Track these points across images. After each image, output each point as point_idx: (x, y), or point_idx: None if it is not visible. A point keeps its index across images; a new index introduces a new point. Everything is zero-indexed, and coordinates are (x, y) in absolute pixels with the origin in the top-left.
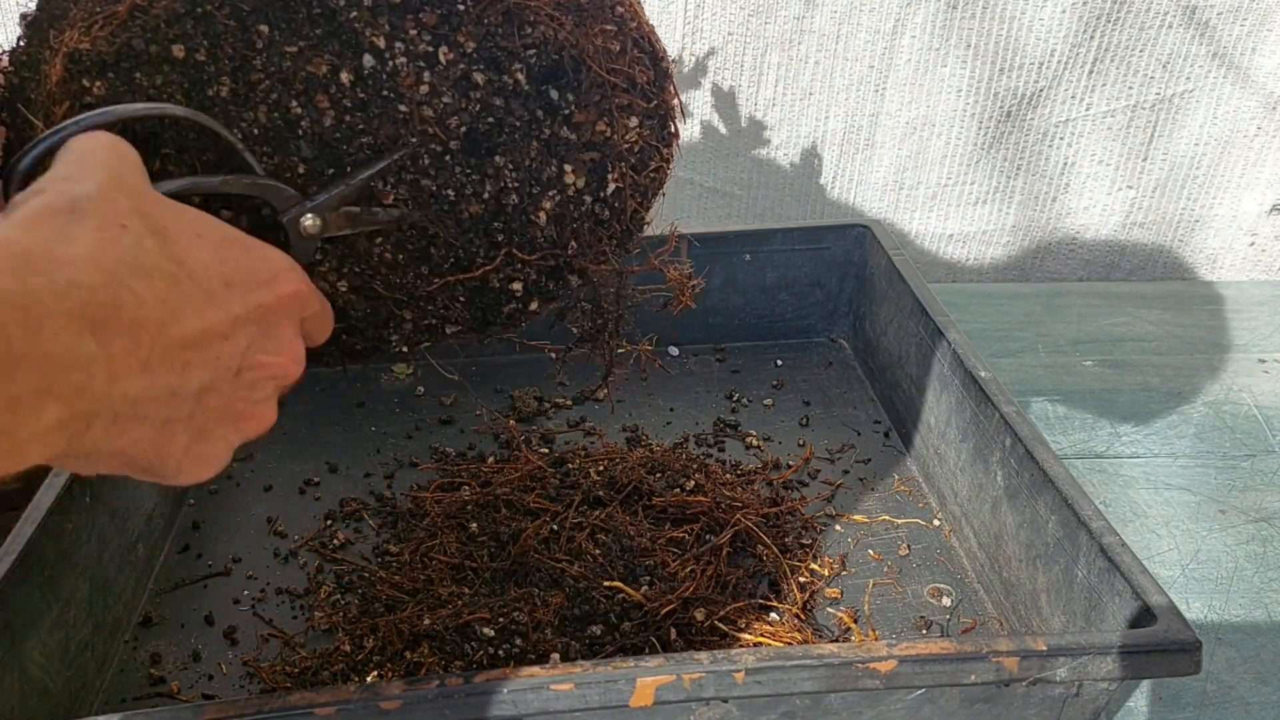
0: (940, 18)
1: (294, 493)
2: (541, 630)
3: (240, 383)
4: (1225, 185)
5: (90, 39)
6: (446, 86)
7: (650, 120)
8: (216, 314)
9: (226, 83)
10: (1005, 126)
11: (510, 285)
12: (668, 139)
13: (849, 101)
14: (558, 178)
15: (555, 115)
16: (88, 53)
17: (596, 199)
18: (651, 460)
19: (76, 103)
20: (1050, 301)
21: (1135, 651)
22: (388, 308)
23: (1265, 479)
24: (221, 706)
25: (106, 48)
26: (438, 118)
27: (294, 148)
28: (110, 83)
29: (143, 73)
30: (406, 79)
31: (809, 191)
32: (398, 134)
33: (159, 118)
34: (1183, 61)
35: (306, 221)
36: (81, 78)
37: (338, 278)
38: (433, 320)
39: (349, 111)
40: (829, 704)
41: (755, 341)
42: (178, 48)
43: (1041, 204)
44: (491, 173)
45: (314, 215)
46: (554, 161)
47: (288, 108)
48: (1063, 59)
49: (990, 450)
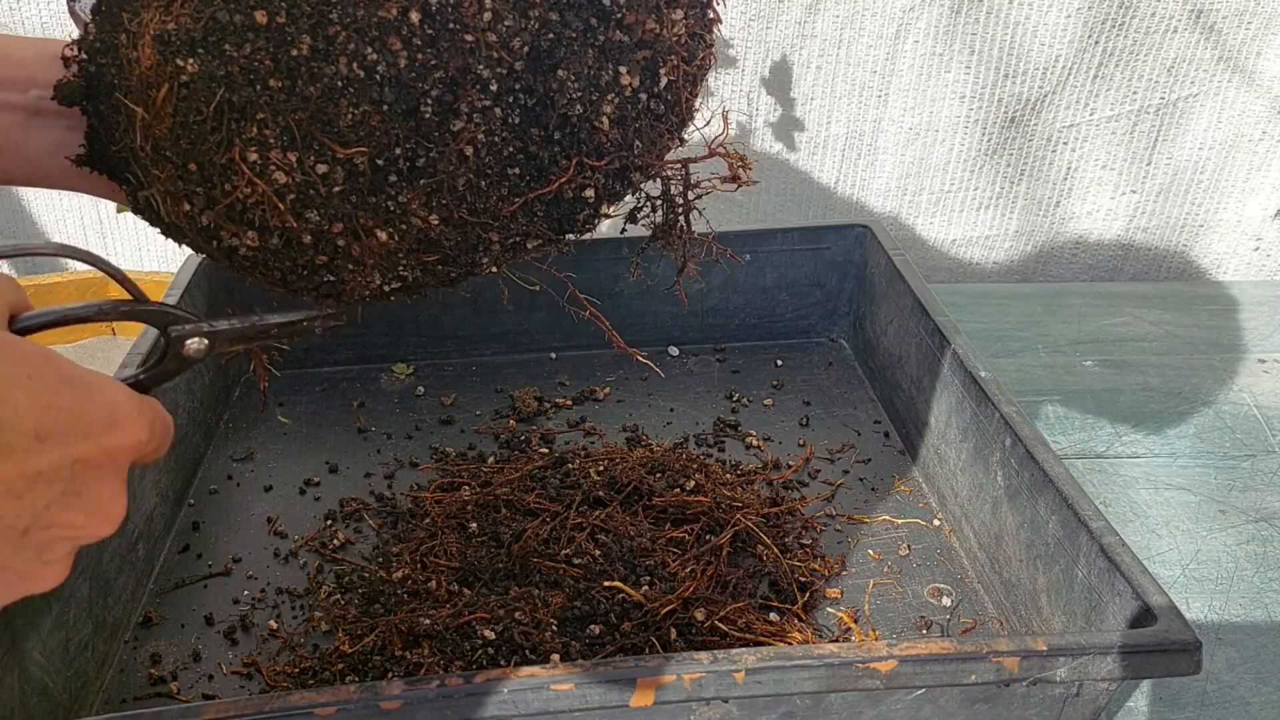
0: (944, 23)
1: (294, 493)
2: (541, 630)
3: (26, 543)
4: (1230, 190)
5: (173, 17)
6: (507, 9)
7: (694, 9)
8: (11, 469)
9: (306, 41)
10: (1009, 132)
11: (583, 193)
12: (709, 25)
13: (851, 107)
14: (615, 81)
15: (608, 20)
16: (175, 32)
17: (651, 95)
18: (651, 460)
19: (174, 83)
20: (1050, 302)
21: (1135, 651)
22: (475, 233)
23: (1265, 479)
24: (221, 706)
25: (193, 24)
26: (502, 41)
27: (376, 95)
28: (202, 59)
29: (231, 44)
30: (469, 8)
31: (811, 197)
32: (466, 64)
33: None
34: (1187, 66)
35: (192, 345)
36: (175, 58)
37: (428, 213)
38: (517, 238)
39: (420, 50)
40: (829, 704)
41: (755, 341)
42: (260, 13)
43: (1045, 209)
44: (556, 87)
45: (203, 340)
46: (610, 65)
47: (365, 56)
48: (1067, 64)
49: (990, 450)
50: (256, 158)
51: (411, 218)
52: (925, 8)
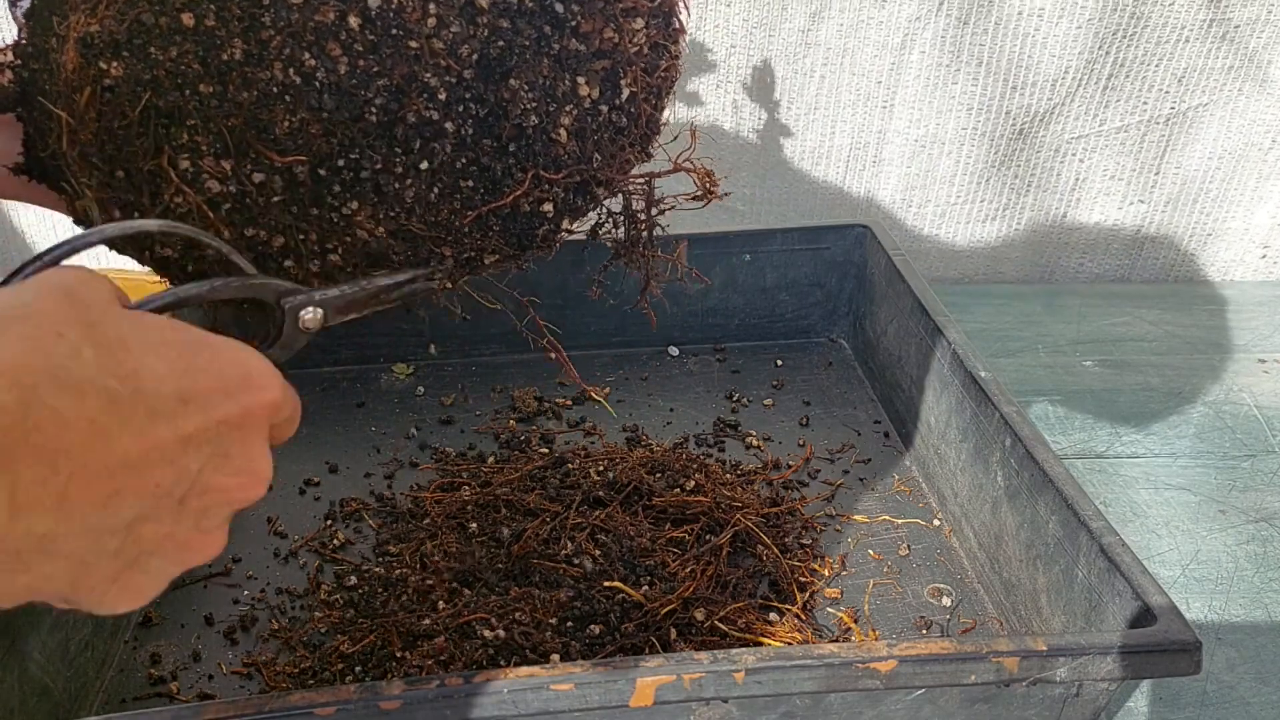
0: (951, 34)
1: (294, 493)
2: (541, 630)
3: (185, 511)
4: (1239, 198)
5: (98, 19)
6: (453, 15)
7: (655, 19)
8: (162, 434)
9: (239, 45)
10: (1017, 144)
11: (541, 207)
12: (674, 35)
13: (855, 117)
14: (572, 91)
15: (563, 29)
16: (99, 34)
17: (613, 107)
18: (651, 460)
19: (97, 86)
20: (1050, 301)
21: (1135, 651)
22: (427, 247)
23: (1265, 479)
24: (221, 706)
25: (116, 26)
26: (449, 49)
27: (315, 101)
28: (127, 61)
29: (157, 47)
30: (413, 14)
31: (813, 207)
32: (412, 71)
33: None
34: (1199, 75)
35: (307, 315)
36: (97, 60)
37: (375, 225)
38: (472, 253)
39: (361, 55)
40: (829, 704)
41: (755, 341)
42: (186, 16)
43: (1052, 220)
44: (508, 96)
45: (316, 309)
46: (567, 76)
47: (302, 61)
48: (1077, 75)
49: (990, 450)
50: (188, 165)
51: (357, 230)
52: (932, 18)
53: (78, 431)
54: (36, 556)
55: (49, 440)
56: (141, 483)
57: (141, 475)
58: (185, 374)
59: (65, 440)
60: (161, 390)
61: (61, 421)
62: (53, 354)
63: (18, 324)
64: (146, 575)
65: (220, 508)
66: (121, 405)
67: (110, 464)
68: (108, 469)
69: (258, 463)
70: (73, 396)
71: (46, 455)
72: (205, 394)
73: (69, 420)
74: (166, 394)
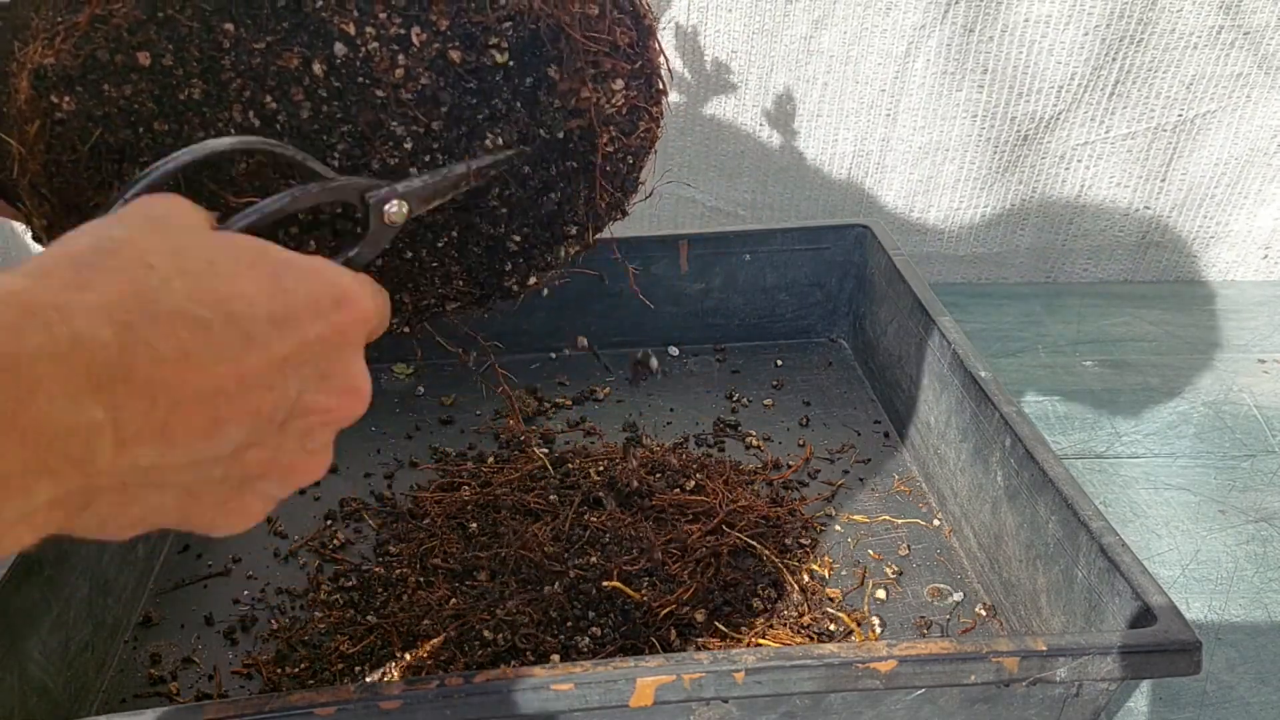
0: (956, 42)
1: (293, 493)
2: (542, 631)
3: (288, 433)
4: (1243, 202)
5: (54, 52)
6: (422, 68)
7: (636, 81)
8: (258, 359)
9: (198, 85)
10: (1021, 151)
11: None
12: (655, 97)
13: (859, 125)
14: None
15: (539, 86)
16: (53, 68)
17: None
18: (651, 460)
19: (47, 119)
20: (1050, 301)
21: (1135, 651)
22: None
23: (1265, 479)
24: (221, 706)
25: (71, 61)
26: (417, 100)
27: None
28: (79, 97)
29: (111, 84)
30: (380, 63)
31: (815, 213)
32: (378, 119)
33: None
34: (1207, 82)
35: (392, 209)
36: (49, 94)
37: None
38: (431, 300)
39: (325, 101)
40: (829, 704)
41: (755, 341)
42: (143, 55)
43: (1056, 227)
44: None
45: (401, 203)
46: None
47: (263, 104)
48: (1083, 82)
49: (990, 450)
50: None
51: None
52: (936, 26)
53: (172, 363)
54: (145, 489)
55: (146, 374)
56: (241, 409)
57: (240, 402)
58: (275, 296)
59: (161, 373)
60: (253, 314)
61: (155, 355)
62: (144, 286)
63: (109, 257)
64: (254, 499)
65: (323, 428)
66: (214, 333)
67: (208, 393)
68: (206, 398)
69: (356, 379)
70: (164, 328)
71: (145, 389)
72: (297, 315)
73: (162, 353)
74: (259, 318)
